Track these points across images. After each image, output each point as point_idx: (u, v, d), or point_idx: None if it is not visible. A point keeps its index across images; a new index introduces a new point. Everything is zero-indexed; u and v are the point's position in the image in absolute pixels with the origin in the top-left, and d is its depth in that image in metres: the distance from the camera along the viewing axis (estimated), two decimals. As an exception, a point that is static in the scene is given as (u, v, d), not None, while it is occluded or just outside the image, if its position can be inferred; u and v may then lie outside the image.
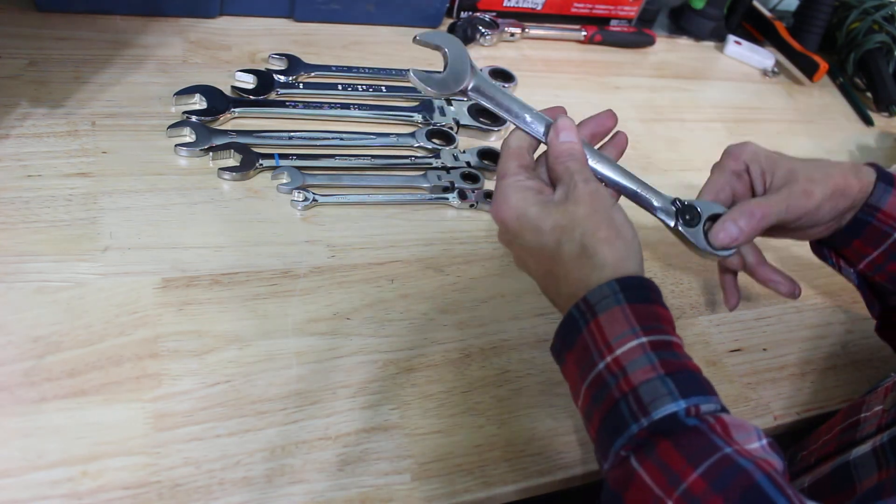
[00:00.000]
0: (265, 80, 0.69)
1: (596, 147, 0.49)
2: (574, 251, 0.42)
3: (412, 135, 0.70)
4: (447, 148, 0.70)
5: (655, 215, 0.49)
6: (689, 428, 0.36)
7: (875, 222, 0.51)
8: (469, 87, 0.48)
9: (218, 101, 0.65)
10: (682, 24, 1.06)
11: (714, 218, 0.50)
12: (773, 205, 0.49)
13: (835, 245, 0.55)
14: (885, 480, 0.43)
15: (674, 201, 0.50)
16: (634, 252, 0.43)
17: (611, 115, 0.50)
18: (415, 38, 0.48)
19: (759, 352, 0.63)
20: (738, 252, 0.53)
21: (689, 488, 0.34)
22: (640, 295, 0.40)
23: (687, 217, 0.49)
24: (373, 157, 0.67)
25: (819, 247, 0.57)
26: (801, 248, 0.75)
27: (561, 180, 0.46)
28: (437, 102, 0.74)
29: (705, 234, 0.49)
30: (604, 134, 0.50)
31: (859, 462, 0.46)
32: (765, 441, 0.37)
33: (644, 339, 0.38)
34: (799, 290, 0.54)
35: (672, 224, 0.49)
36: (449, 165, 0.68)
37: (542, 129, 0.48)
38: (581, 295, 0.41)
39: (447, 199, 0.65)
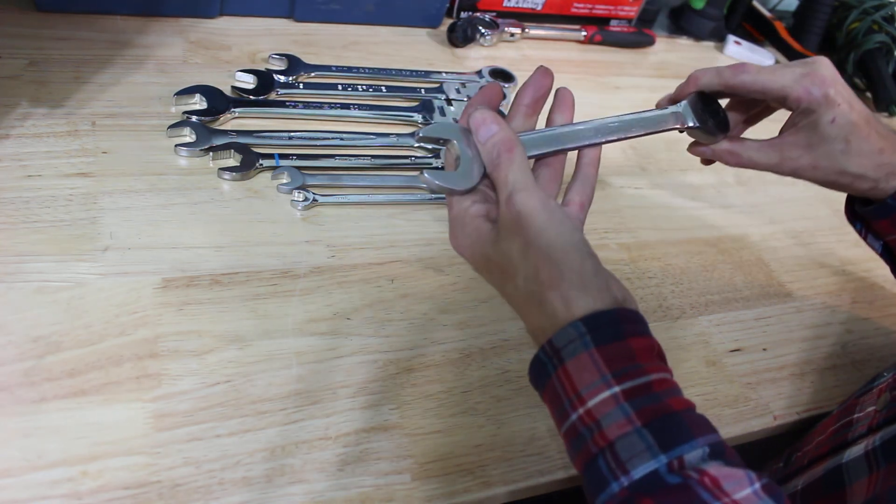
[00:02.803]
0: (265, 80, 0.69)
1: (544, 111, 0.47)
2: (522, 296, 0.39)
3: (412, 135, 0.70)
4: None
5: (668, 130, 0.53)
6: (673, 486, 0.33)
7: None
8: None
9: (218, 101, 0.65)
10: (682, 24, 1.06)
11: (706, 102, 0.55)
12: (758, 160, 0.53)
13: (865, 219, 0.55)
14: (873, 483, 0.43)
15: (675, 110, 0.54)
16: (587, 279, 0.38)
17: (545, 73, 0.45)
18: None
19: (759, 352, 0.63)
20: None
21: None
22: (609, 333, 0.36)
23: (703, 119, 0.54)
24: (373, 157, 0.67)
25: (851, 214, 0.58)
26: (803, 248, 0.76)
27: (496, 197, 0.41)
28: (437, 102, 0.74)
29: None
30: (544, 96, 0.46)
31: (851, 465, 0.46)
32: (758, 485, 0.33)
33: (617, 389, 0.35)
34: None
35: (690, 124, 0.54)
36: (449, 165, 0.68)
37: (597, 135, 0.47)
38: (544, 338, 0.38)
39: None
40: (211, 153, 0.61)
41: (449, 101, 0.75)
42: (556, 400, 0.38)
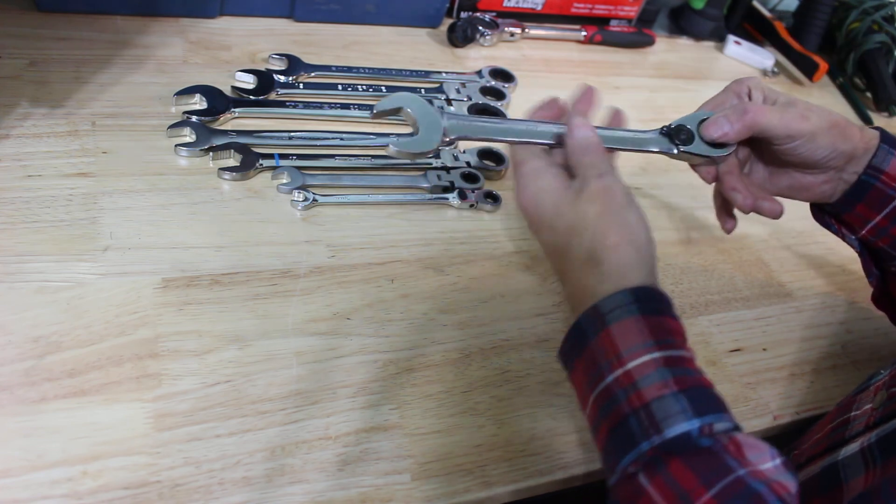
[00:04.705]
0: (265, 80, 0.69)
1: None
2: (581, 256, 0.41)
3: (412, 135, 0.70)
4: (447, 148, 0.70)
5: (655, 153, 0.51)
6: (702, 448, 0.35)
7: (878, 184, 0.51)
8: (451, 136, 0.48)
9: (218, 101, 0.65)
10: (682, 24, 1.06)
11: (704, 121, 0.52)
12: (767, 112, 0.50)
13: (837, 211, 0.55)
14: (870, 481, 0.43)
15: (661, 131, 0.51)
16: (644, 258, 0.41)
17: (590, 91, 0.50)
18: (372, 111, 0.49)
19: (759, 352, 0.63)
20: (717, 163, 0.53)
21: None
22: (652, 307, 0.39)
23: (682, 137, 0.51)
24: (373, 157, 0.67)
25: (821, 213, 0.57)
26: (803, 248, 0.76)
27: (577, 174, 0.45)
28: (437, 102, 0.74)
29: (700, 137, 0.51)
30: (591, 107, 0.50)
31: (847, 462, 0.46)
32: (779, 461, 0.35)
33: (657, 354, 0.37)
34: (779, 208, 0.54)
35: (674, 151, 0.51)
36: (449, 165, 0.68)
37: (549, 136, 0.48)
38: (589, 302, 0.40)
39: (447, 199, 0.65)
40: (211, 153, 0.61)
41: (449, 101, 0.75)
42: (592, 365, 0.39)
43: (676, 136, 0.51)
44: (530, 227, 0.47)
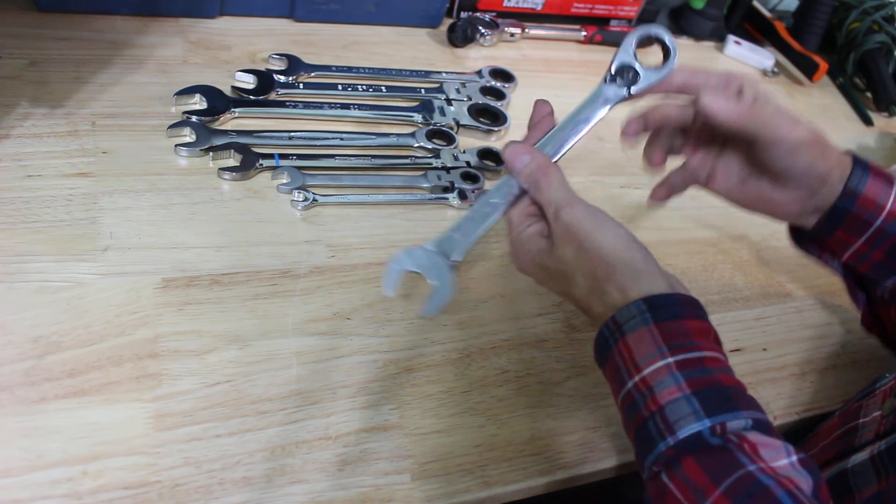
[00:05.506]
0: (265, 80, 0.69)
1: None
2: (585, 292, 0.44)
3: (412, 135, 0.70)
4: (447, 148, 0.70)
5: (608, 113, 0.49)
6: (714, 446, 0.37)
7: (855, 209, 0.50)
8: (459, 259, 0.47)
9: (218, 101, 0.65)
10: (682, 24, 1.06)
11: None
12: (752, 114, 0.48)
13: (817, 237, 0.55)
14: (884, 490, 0.43)
15: (605, 81, 0.49)
16: (644, 266, 0.43)
17: (544, 104, 0.50)
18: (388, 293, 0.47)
19: (759, 352, 0.63)
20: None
21: None
22: (668, 312, 0.41)
23: (630, 77, 0.49)
24: (373, 157, 0.67)
25: (801, 239, 0.57)
26: (801, 248, 0.76)
27: (544, 216, 0.46)
28: (436, 102, 0.74)
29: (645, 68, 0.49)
30: (550, 113, 0.50)
31: (858, 470, 0.46)
32: (794, 458, 0.37)
33: (670, 360, 0.39)
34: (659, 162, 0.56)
35: (627, 95, 0.49)
36: (449, 165, 0.68)
37: (515, 191, 0.47)
38: (609, 314, 0.42)
39: (447, 199, 0.65)
40: (211, 153, 0.61)
41: (449, 101, 0.75)
42: (616, 371, 0.41)
43: (622, 76, 0.48)
44: (540, 283, 0.48)
